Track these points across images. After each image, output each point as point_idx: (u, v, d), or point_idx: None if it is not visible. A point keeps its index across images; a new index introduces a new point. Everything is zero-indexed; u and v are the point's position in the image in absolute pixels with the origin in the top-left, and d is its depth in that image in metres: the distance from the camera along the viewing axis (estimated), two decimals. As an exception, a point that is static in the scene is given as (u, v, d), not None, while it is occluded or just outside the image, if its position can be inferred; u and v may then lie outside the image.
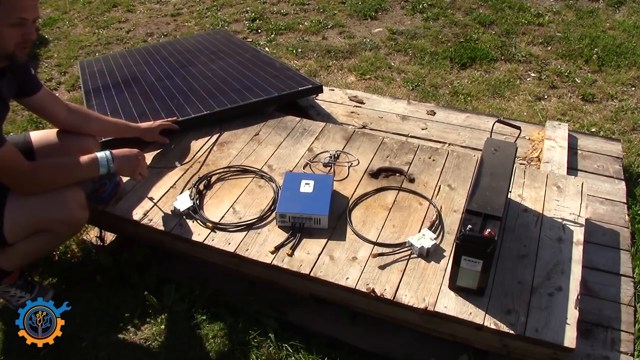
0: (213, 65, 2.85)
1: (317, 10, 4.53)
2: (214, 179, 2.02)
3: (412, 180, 1.99)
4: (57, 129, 1.88)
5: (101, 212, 1.89)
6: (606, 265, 1.91)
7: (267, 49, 3.90)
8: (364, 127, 2.67)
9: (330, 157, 2.12)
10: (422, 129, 2.65)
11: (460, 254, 1.46)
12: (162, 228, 1.81)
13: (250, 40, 4.06)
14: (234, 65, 2.82)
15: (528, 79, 3.43)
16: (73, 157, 1.68)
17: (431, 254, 1.68)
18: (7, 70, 1.57)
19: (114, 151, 1.73)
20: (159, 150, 2.17)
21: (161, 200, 1.92)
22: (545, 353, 1.47)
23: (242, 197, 1.93)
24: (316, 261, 1.67)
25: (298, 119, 2.38)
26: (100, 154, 1.70)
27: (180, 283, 1.92)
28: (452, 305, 1.53)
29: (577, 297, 1.53)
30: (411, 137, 2.59)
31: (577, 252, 1.68)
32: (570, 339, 1.43)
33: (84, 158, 1.67)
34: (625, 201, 2.20)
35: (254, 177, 2.03)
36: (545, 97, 3.23)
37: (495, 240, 1.40)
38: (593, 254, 1.94)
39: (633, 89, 3.29)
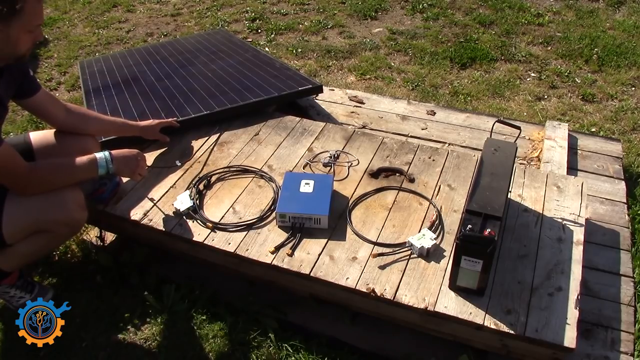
0: (213, 65, 2.85)
1: (317, 10, 4.53)
2: (214, 179, 2.02)
3: (412, 180, 1.99)
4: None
5: (101, 212, 1.89)
6: (606, 265, 1.91)
7: (267, 49, 3.90)
8: (364, 127, 2.67)
9: (330, 157, 2.12)
10: (422, 129, 2.65)
11: (460, 254, 1.46)
12: (162, 228, 1.81)
13: (250, 40, 4.06)
14: (234, 65, 2.82)
15: (528, 79, 3.43)
16: (72, 157, 1.67)
17: (431, 254, 1.68)
18: (5, 71, 1.57)
19: (113, 152, 1.73)
20: (159, 150, 2.17)
21: (161, 200, 1.92)
22: (545, 353, 1.47)
23: (242, 197, 1.93)
24: (316, 261, 1.67)
25: (298, 119, 2.38)
26: (99, 155, 1.69)
27: (180, 283, 1.92)
28: (452, 305, 1.53)
29: (577, 297, 1.53)
30: (411, 137, 2.59)
31: (577, 252, 1.68)
32: (570, 339, 1.43)
33: (83, 159, 1.67)
34: (625, 201, 2.20)
35: (254, 177, 2.03)
36: (545, 97, 3.23)
37: (495, 240, 1.40)
38: (593, 254, 1.93)
39: (633, 89, 3.29)
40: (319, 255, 1.69)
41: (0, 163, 1.50)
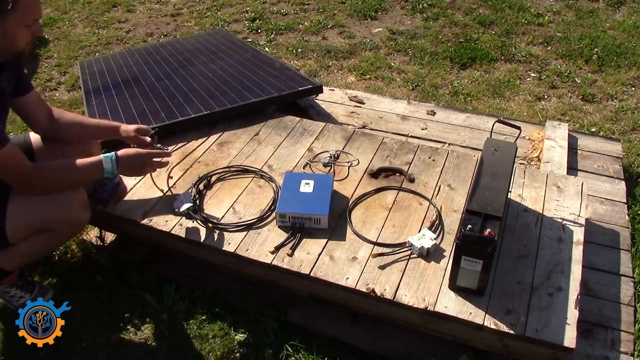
0: (213, 65, 2.85)
1: (317, 10, 4.53)
2: (214, 179, 2.02)
3: (412, 180, 1.99)
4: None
5: (101, 212, 1.89)
6: (606, 265, 1.91)
7: (267, 49, 3.90)
8: (364, 127, 2.67)
9: (330, 157, 2.12)
10: (422, 129, 2.65)
11: (460, 254, 1.46)
12: (162, 228, 1.81)
13: (250, 40, 4.06)
14: (234, 65, 2.82)
15: (528, 79, 3.42)
16: (77, 159, 1.66)
17: (431, 254, 1.68)
18: (6, 66, 1.57)
19: (118, 153, 1.69)
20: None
21: (161, 200, 1.92)
22: (545, 353, 1.47)
23: (242, 197, 1.93)
24: (316, 261, 1.67)
25: (298, 119, 2.38)
26: (105, 157, 1.67)
27: (180, 283, 1.92)
28: (452, 305, 1.53)
29: (577, 297, 1.53)
30: (411, 137, 2.59)
31: (577, 252, 1.68)
32: (570, 339, 1.43)
33: (88, 160, 1.65)
34: (625, 201, 2.20)
35: (254, 177, 2.03)
36: (545, 97, 3.23)
37: (495, 240, 1.40)
38: (593, 254, 1.93)
39: (633, 89, 3.29)
40: (319, 255, 1.69)
41: (6, 163, 1.50)
